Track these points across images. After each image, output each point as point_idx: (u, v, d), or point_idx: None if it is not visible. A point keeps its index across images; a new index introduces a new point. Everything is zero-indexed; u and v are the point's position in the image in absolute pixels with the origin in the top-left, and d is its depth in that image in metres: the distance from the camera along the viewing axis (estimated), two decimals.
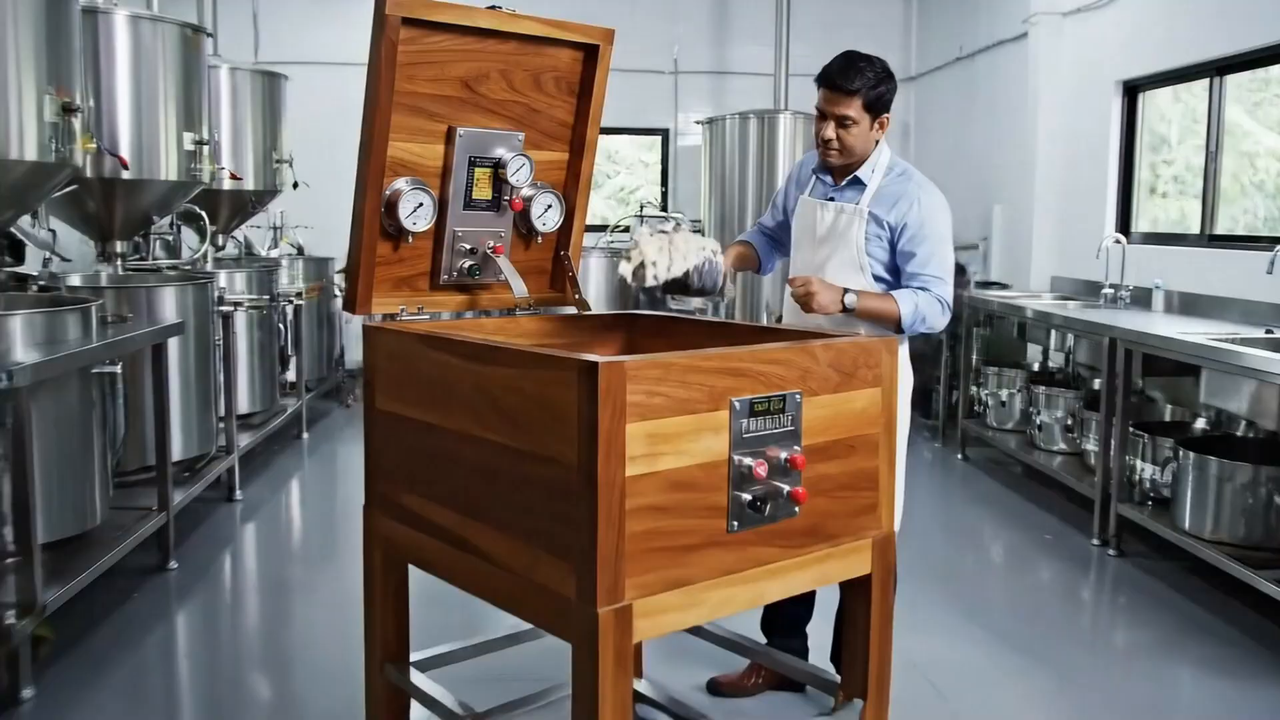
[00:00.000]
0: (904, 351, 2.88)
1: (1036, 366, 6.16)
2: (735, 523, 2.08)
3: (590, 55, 2.81)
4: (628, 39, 8.91)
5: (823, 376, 2.22)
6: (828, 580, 2.30)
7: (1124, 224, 6.03)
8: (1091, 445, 4.94)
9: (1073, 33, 6.35)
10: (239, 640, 3.68)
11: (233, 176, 5.75)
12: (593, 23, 2.83)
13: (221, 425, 4.93)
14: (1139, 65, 5.75)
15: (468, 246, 2.75)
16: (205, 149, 4.92)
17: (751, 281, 6.99)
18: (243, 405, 5.67)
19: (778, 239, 3.20)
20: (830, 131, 2.81)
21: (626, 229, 8.63)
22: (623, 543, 1.93)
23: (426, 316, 2.70)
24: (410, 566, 2.52)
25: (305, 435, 6.59)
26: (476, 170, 2.71)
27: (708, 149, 7.59)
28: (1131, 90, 5.94)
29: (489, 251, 2.77)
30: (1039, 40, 6.50)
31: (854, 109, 2.77)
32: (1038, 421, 5.42)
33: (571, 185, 2.91)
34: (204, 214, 5.30)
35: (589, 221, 3.00)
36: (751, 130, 7.24)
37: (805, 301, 2.71)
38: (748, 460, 2.09)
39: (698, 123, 7.83)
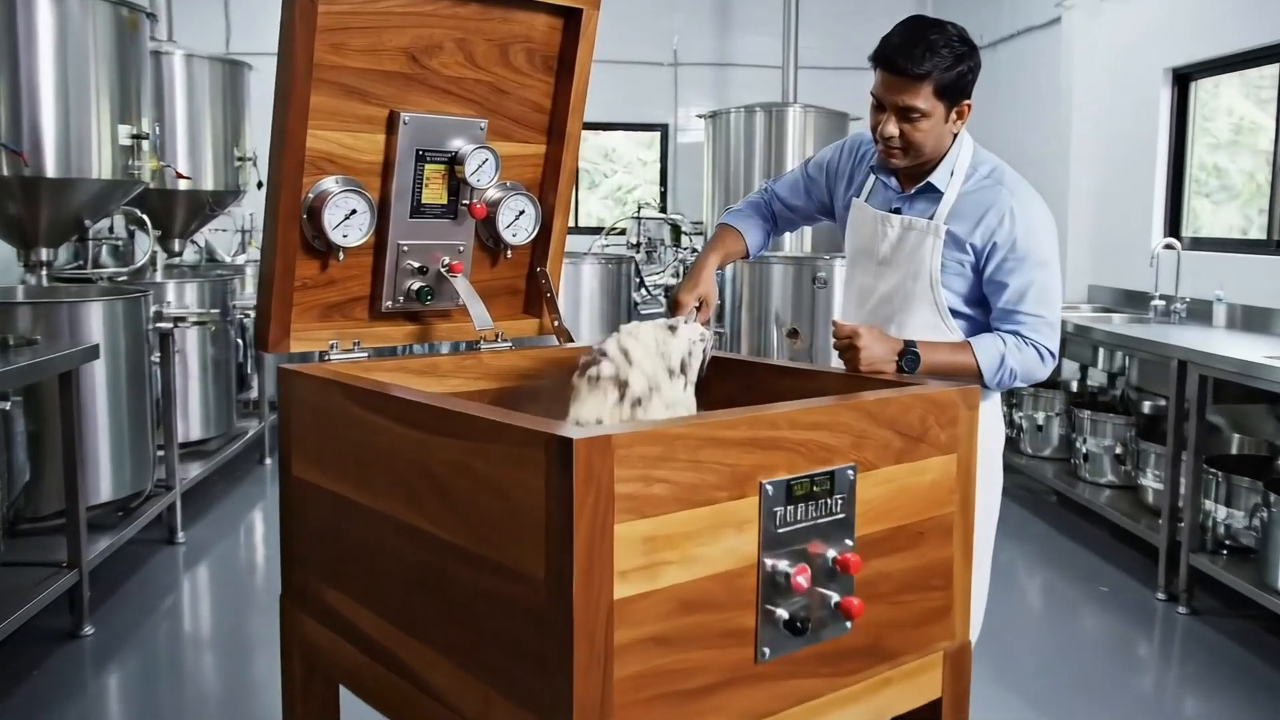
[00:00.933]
0: (993, 400, 2.25)
1: (1075, 386, 5.58)
2: (766, 650, 1.53)
3: (571, 23, 2.23)
4: (624, 29, 8.37)
5: (882, 442, 1.65)
6: (888, 714, 1.73)
7: (1173, 228, 5.45)
8: (1150, 481, 4.36)
9: (1113, 16, 5.77)
10: None
11: (180, 175, 5.16)
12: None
13: (162, 456, 4.35)
14: (1192, 50, 5.17)
15: (416, 264, 2.17)
16: (145, 144, 4.34)
17: (760, 284, 6.40)
18: (193, 431, 5.09)
19: (788, 219, 2.49)
20: (892, 127, 2.07)
21: (623, 231, 8.06)
22: (610, 690, 1.38)
23: (364, 354, 2.12)
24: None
25: (269, 460, 6.00)
26: (427, 167, 2.13)
27: (710, 145, 7.03)
28: (1183, 78, 5.36)
29: (444, 270, 2.20)
30: (1074, 25, 5.93)
31: (923, 97, 2.03)
32: (1083, 450, 4.84)
33: (549, 185, 2.33)
34: (145, 217, 4.72)
35: (582, 223, 2.42)
36: (758, 125, 6.67)
37: (850, 360, 1.99)
38: (783, 565, 1.53)
39: (700, 117, 7.27)
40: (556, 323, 2.36)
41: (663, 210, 8.54)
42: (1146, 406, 4.97)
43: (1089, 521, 4.97)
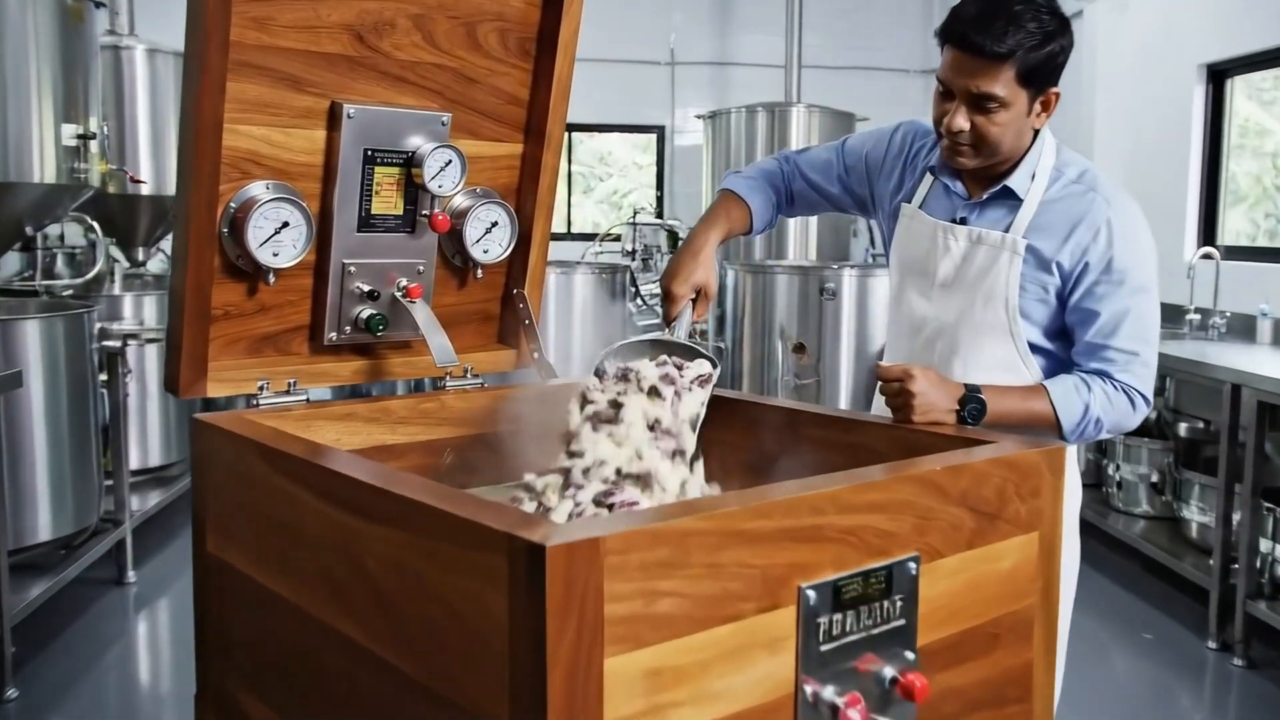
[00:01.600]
0: (1071, 454, 1.83)
1: None
2: None
3: (552, 1, 1.86)
4: (618, 26, 7.99)
5: (951, 523, 1.28)
6: None
7: (1208, 236, 5.09)
8: (1194, 514, 3.99)
9: (1141, 9, 5.41)
10: None
11: (134, 179, 4.78)
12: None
13: (110, 487, 3.97)
14: (1228, 45, 4.81)
15: (366, 287, 1.80)
16: (93, 145, 3.96)
17: (763, 295, 6.03)
18: (152, 457, 4.71)
19: (808, 202, 2.06)
20: (962, 119, 1.68)
21: (617, 238, 7.69)
22: None
23: (302, 397, 1.75)
24: None
25: None
26: (377, 170, 1.76)
27: (710, 147, 6.66)
28: (1218, 75, 5.00)
29: (399, 295, 1.82)
30: (1098, 20, 5.56)
31: (1003, 83, 1.64)
32: (1116, 478, 4.47)
33: (527, 191, 1.96)
34: (95, 224, 4.34)
35: (575, 229, 2.05)
36: (760, 126, 6.30)
37: (901, 409, 1.60)
38: (829, 694, 1.17)
39: (699, 117, 6.90)
40: (537, 354, 1.99)
41: (659, 216, 8.16)
42: (1183, 429, 4.60)
43: (1120, 554, 4.58)
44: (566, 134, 8.09)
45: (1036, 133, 1.77)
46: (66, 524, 3.61)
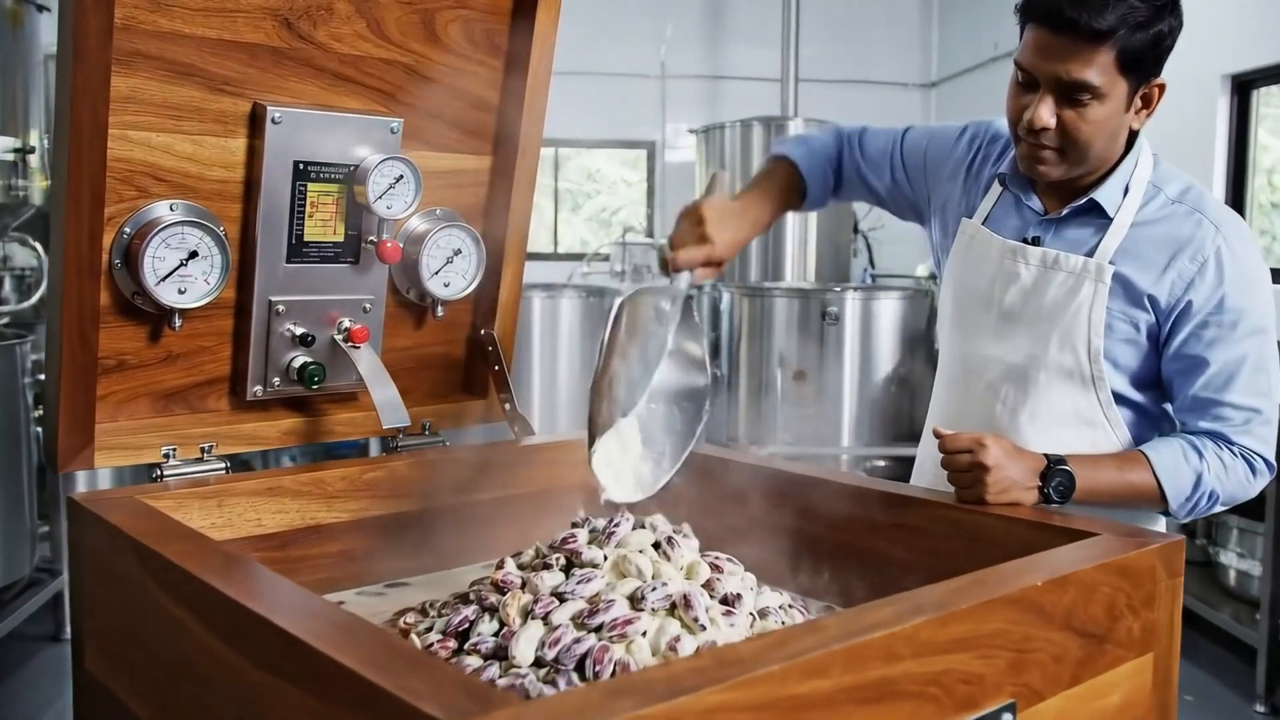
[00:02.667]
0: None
1: None
2: None
3: None
4: (606, 38, 7.66)
5: (1054, 653, 0.97)
6: None
7: None
8: (1233, 560, 3.67)
9: None
10: None
11: None
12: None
13: (46, 534, 3.62)
14: (1255, 55, 4.53)
15: (298, 330, 1.47)
16: (33, 159, 3.64)
17: (761, 319, 5.72)
18: None
19: (855, 186, 1.72)
20: (1047, 114, 1.35)
21: (606, 257, 7.38)
22: None
23: (220, 465, 1.42)
24: None
25: None
26: (312, 187, 1.44)
27: (703, 163, 6.36)
28: (1244, 86, 4.71)
29: (340, 339, 1.49)
30: None
31: (1099, 68, 1.32)
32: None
33: (497, 212, 1.63)
34: (38, 245, 4.00)
35: (562, 248, 1.71)
36: (756, 140, 6.00)
37: (972, 487, 1.28)
38: None
39: (691, 132, 6.61)
40: (509, 405, 1.66)
41: (650, 234, 7.86)
42: None
43: None
44: (553, 150, 7.87)
45: (1133, 137, 1.45)
46: None
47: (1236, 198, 4.78)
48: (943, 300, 1.65)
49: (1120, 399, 1.46)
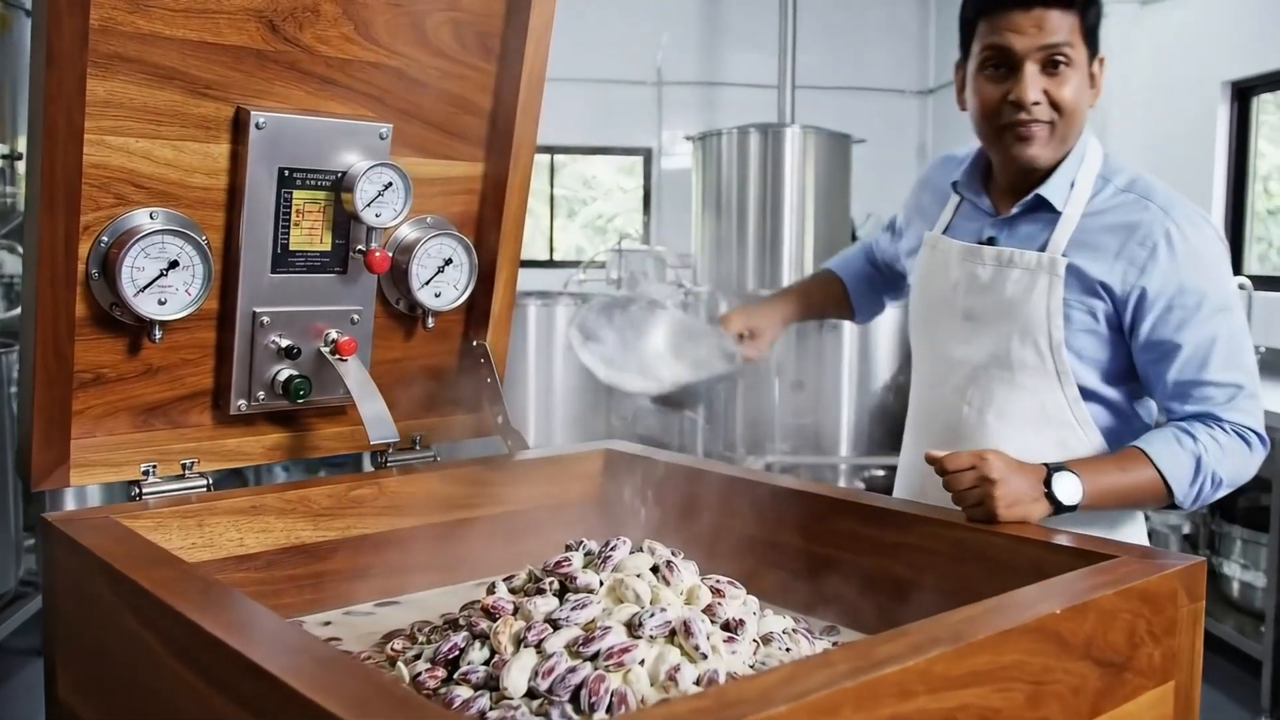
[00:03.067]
0: (1138, 521, 1.55)
1: None
2: None
3: None
4: (602, 45, 7.63)
5: (1073, 684, 0.92)
6: None
7: (1234, 264, 4.76)
8: (1235, 571, 3.63)
9: (1158, 24, 5.10)
10: None
11: None
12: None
13: (33, 546, 3.57)
14: (1255, 61, 4.50)
15: (283, 342, 1.42)
16: (21, 165, 3.60)
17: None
18: (91, 504, 4.29)
19: (889, 279, 1.85)
20: (1035, 88, 1.39)
21: (602, 265, 7.34)
22: None
23: (203, 483, 1.37)
24: None
25: None
26: (298, 195, 1.39)
27: (699, 170, 6.31)
28: (1243, 93, 4.68)
29: (326, 351, 1.45)
30: (1111, 35, 5.22)
31: (1068, 32, 1.39)
32: (1145, 528, 4.10)
33: (489, 221, 1.59)
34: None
35: (558, 256, 1.68)
36: (753, 147, 5.95)
37: (981, 505, 1.23)
38: None
39: (688, 139, 6.56)
40: (502, 419, 1.61)
41: (646, 242, 7.82)
42: None
43: None
44: (549, 156, 7.83)
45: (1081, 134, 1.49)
46: None
47: (1236, 205, 4.76)
48: (911, 314, 1.67)
49: (1089, 394, 1.45)
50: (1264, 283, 4.40)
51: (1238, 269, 4.72)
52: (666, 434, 5.44)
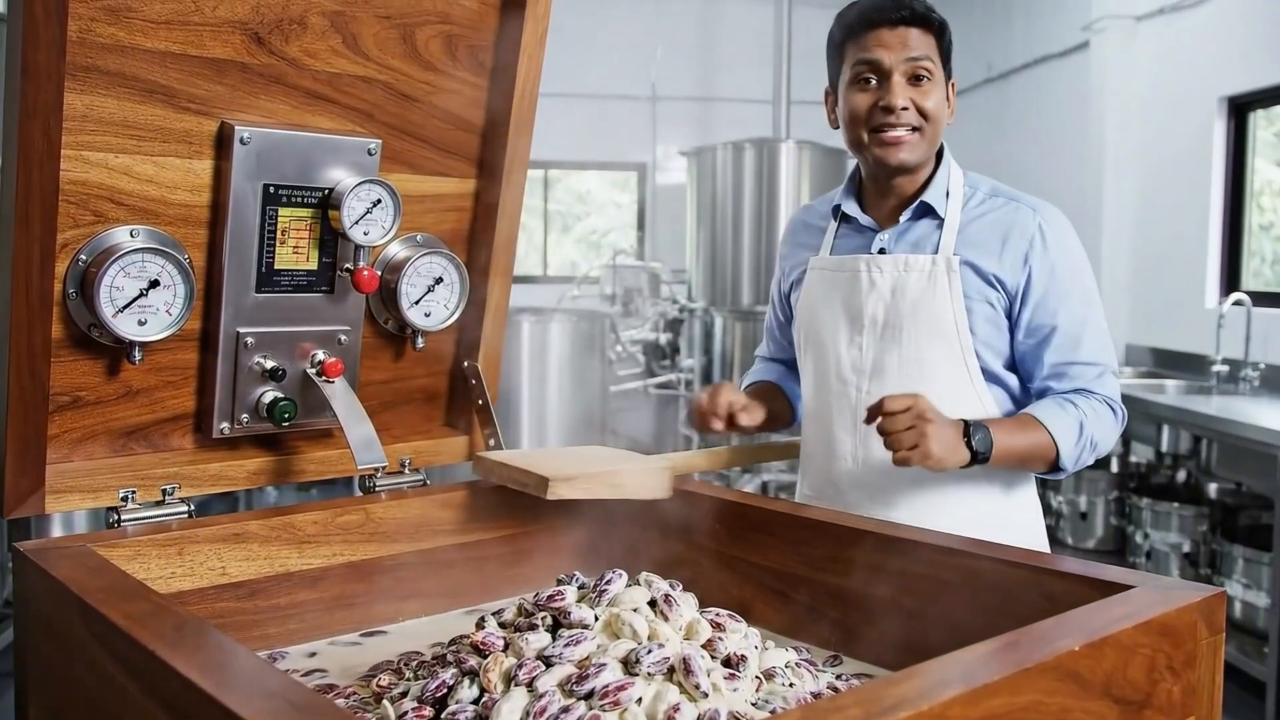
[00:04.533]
0: (1030, 487, 1.67)
1: (1116, 464, 4.80)
2: None
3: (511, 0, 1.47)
4: (597, 60, 7.62)
5: None
6: None
7: (1231, 280, 4.73)
8: (1238, 591, 3.58)
9: (1153, 39, 5.08)
10: None
11: None
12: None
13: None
14: (1252, 76, 4.49)
15: (268, 364, 1.38)
16: None
17: (752, 342, 5.66)
18: (79, 524, 4.23)
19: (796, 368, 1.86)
20: (902, 95, 1.55)
21: (596, 280, 7.31)
22: None
23: (184, 509, 1.32)
24: None
25: None
26: (283, 212, 1.35)
27: (694, 185, 6.29)
28: (1240, 108, 4.67)
29: (313, 372, 1.40)
30: (1106, 51, 5.24)
31: (930, 49, 1.57)
32: (1145, 546, 4.07)
33: (481, 239, 1.55)
34: None
35: (552, 271, 1.65)
36: (748, 162, 5.93)
37: (919, 444, 1.39)
38: None
39: (682, 154, 6.54)
40: (493, 441, 1.57)
41: (640, 257, 7.79)
42: (1213, 489, 4.22)
43: None
44: (543, 172, 7.80)
45: (939, 155, 1.64)
46: None
47: (1234, 220, 4.74)
48: (799, 333, 1.72)
49: (991, 378, 1.58)
50: (1260, 299, 4.39)
51: (1236, 285, 4.70)
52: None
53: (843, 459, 1.62)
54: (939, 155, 1.64)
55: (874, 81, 1.57)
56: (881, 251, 1.62)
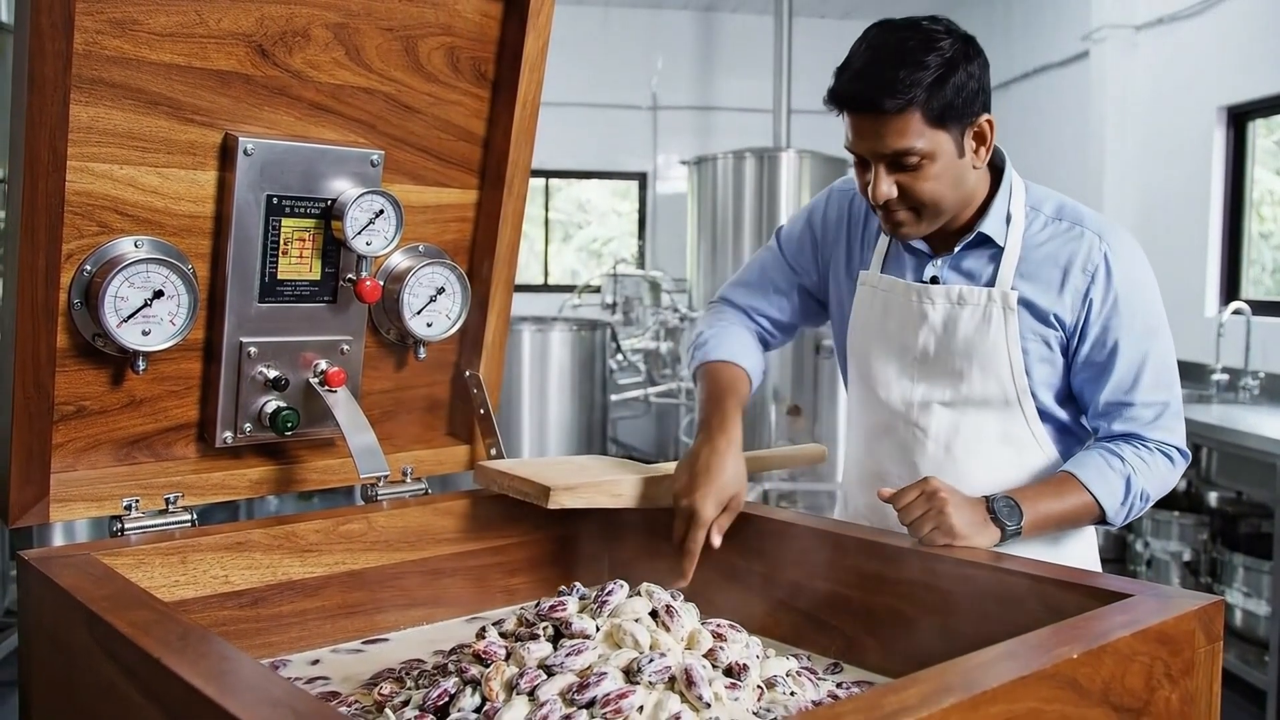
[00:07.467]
0: (1089, 537, 1.54)
1: None
2: None
3: (514, 9, 1.48)
4: (598, 69, 7.65)
5: None
6: None
7: (1230, 289, 4.74)
8: (1239, 600, 3.59)
9: (1153, 49, 5.10)
10: None
11: None
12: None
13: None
14: (1251, 86, 4.50)
15: (271, 373, 1.39)
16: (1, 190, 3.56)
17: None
18: (79, 534, 4.23)
19: (781, 327, 1.69)
20: (886, 186, 1.36)
21: (597, 289, 7.32)
22: None
23: (187, 518, 1.33)
24: None
25: None
26: (286, 223, 1.36)
27: (695, 194, 6.30)
28: (1240, 117, 4.68)
29: (315, 382, 1.41)
30: (1106, 60, 5.26)
31: (915, 134, 1.32)
32: (1145, 555, 4.07)
33: (483, 249, 1.56)
34: None
35: (552, 280, 1.65)
36: (748, 171, 5.94)
37: (940, 525, 1.26)
38: None
39: (683, 163, 6.55)
40: (495, 449, 1.58)
41: (640, 266, 7.80)
42: (1213, 498, 4.22)
43: None
44: (544, 181, 7.82)
45: (1000, 173, 1.47)
46: None
47: (1234, 228, 4.75)
48: (849, 358, 1.60)
49: (1045, 415, 1.47)
50: (1260, 308, 4.40)
51: (1236, 294, 4.71)
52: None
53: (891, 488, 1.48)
54: (998, 173, 1.47)
55: (861, 162, 1.39)
56: (934, 280, 1.48)
